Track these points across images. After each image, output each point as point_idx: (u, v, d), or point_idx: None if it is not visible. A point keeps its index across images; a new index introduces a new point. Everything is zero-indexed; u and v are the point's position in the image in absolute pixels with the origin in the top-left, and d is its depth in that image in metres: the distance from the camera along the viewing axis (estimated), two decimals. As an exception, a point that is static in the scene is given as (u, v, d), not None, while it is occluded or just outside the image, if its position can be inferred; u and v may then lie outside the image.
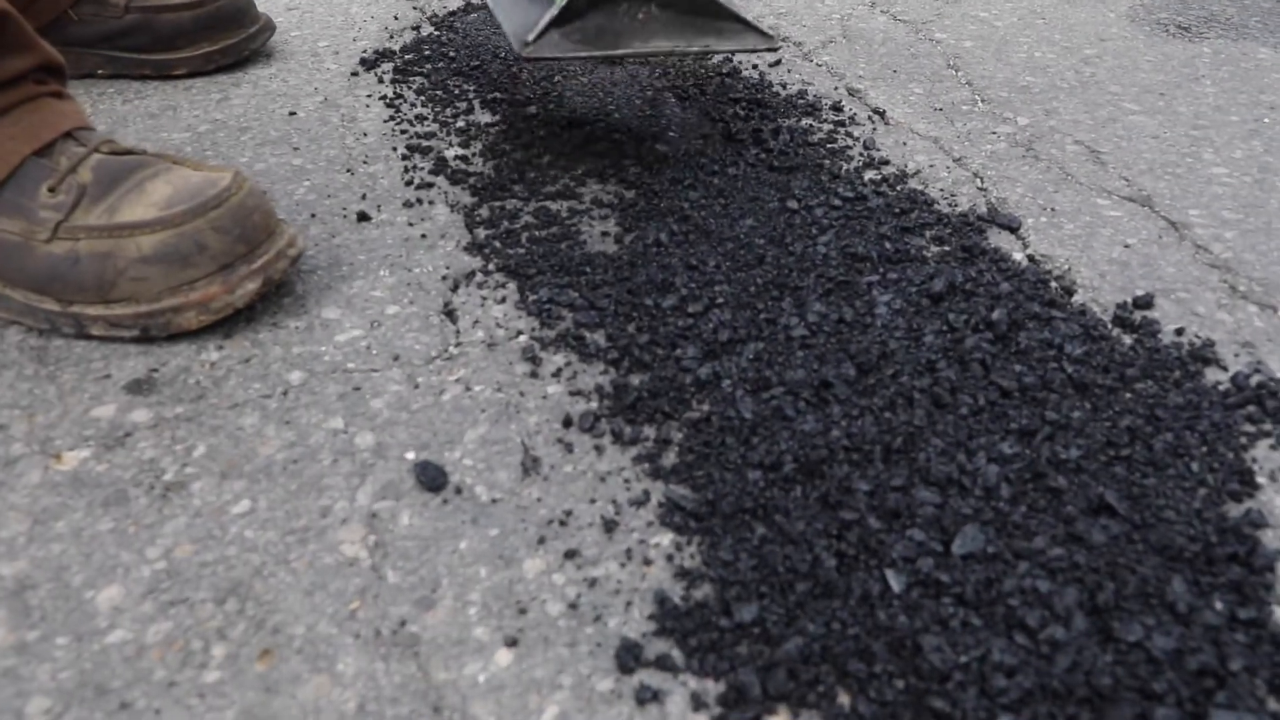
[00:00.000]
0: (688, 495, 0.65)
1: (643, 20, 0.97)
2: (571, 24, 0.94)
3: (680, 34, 0.97)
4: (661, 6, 0.98)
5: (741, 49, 0.98)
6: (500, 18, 0.99)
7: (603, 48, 0.94)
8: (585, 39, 0.94)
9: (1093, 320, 0.84)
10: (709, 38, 0.98)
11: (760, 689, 0.54)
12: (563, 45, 0.93)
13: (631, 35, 0.96)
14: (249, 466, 0.68)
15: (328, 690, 0.54)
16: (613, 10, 0.96)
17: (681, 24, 0.98)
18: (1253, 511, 0.67)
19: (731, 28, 0.98)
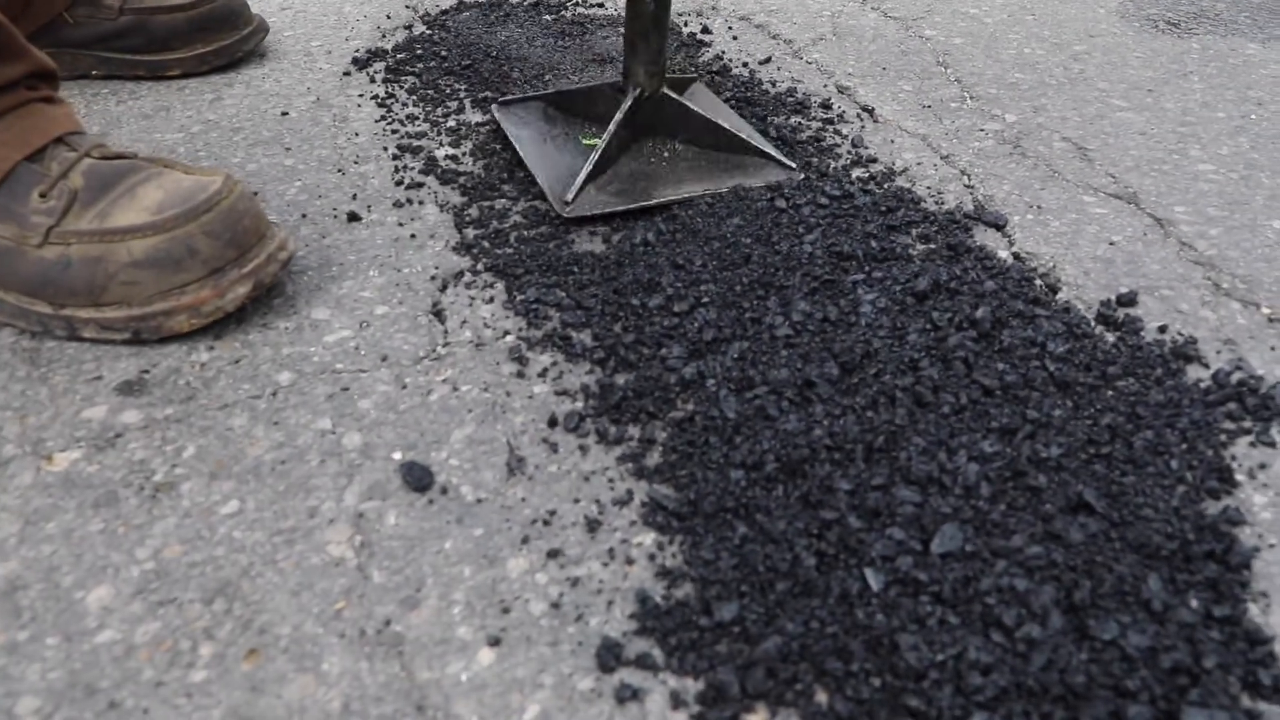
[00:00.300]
0: (670, 495, 0.66)
1: (669, 160, 1.03)
2: (605, 174, 0.99)
3: (708, 174, 1.01)
4: (685, 143, 1.05)
5: (766, 182, 1.00)
6: (529, 164, 1.01)
7: (637, 198, 0.96)
8: (620, 190, 0.97)
9: (1076, 318, 0.84)
10: (736, 175, 1.01)
11: (739, 687, 0.55)
12: (600, 199, 0.95)
13: (663, 181, 0.99)
14: (238, 467, 0.69)
15: (313, 690, 0.55)
16: (639, 152, 1.03)
17: (708, 161, 1.02)
18: (1230, 509, 0.68)
19: (755, 162, 1.02)
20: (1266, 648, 0.59)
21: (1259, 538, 0.66)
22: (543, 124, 1.09)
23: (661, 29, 0.96)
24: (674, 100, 1.02)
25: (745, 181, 0.99)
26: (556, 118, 1.10)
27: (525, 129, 1.07)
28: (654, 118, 1.03)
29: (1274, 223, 0.99)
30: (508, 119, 1.08)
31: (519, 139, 1.05)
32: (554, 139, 1.06)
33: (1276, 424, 0.75)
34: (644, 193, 0.97)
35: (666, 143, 1.04)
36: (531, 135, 1.06)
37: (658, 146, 1.04)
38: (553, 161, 1.02)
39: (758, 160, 1.02)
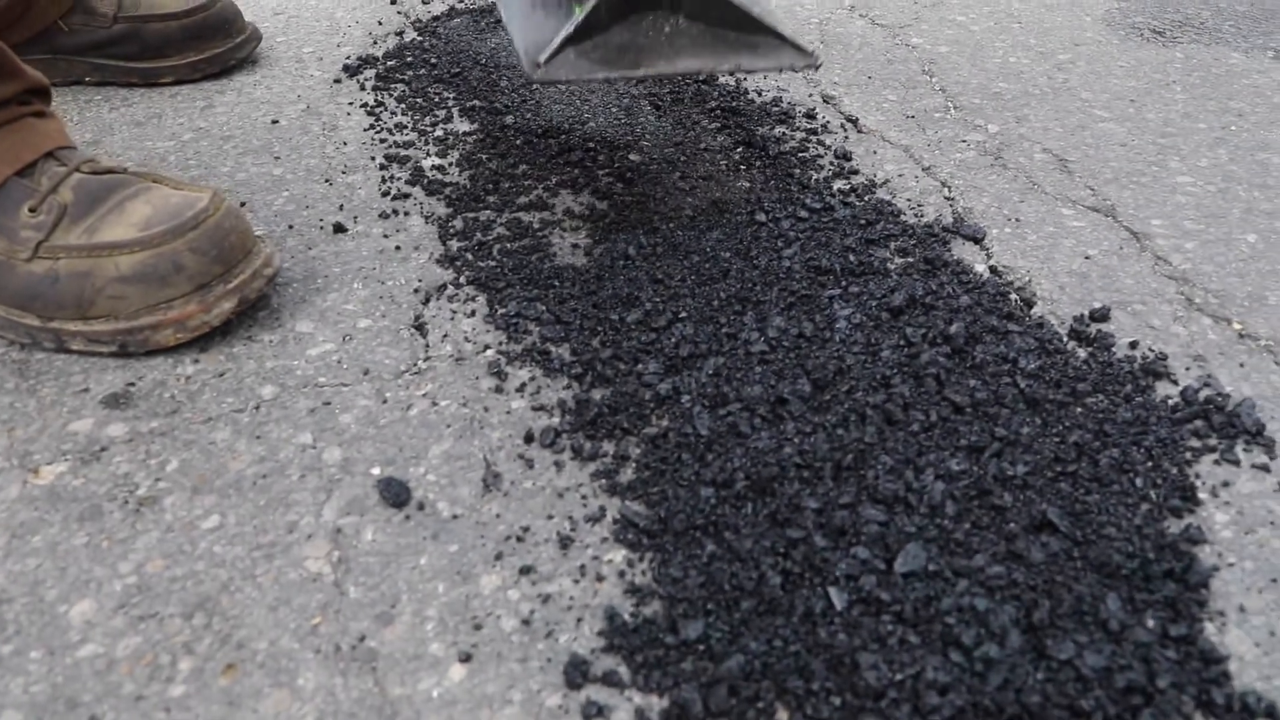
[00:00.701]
0: (641, 512, 0.68)
1: (669, 35, 0.90)
2: (590, 40, 0.87)
3: (710, 51, 0.90)
4: (690, 19, 0.91)
5: (778, 66, 0.91)
6: (511, 30, 0.92)
7: (623, 67, 0.87)
8: (605, 58, 0.87)
9: (1049, 334, 0.86)
10: (742, 55, 0.90)
11: (702, 705, 0.56)
12: (579, 65, 0.86)
13: (656, 53, 0.89)
14: (220, 481, 0.70)
15: (288, 705, 0.57)
16: (636, 24, 0.89)
17: (712, 40, 0.90)
18: (1192, 528, 0.69)
19: (767, 43, 0.91)
20: (1220, 667, 0.61)
21: (1219, 556, 0.68)
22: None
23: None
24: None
25: (750, 63, 0.90)
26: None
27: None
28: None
29: (1248, 236, 1.00)
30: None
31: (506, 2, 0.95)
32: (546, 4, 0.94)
33: (1241, 442, 0.77)
34: (631, 63, 0.87)
35: (669, 17, 0.91)
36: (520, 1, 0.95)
37: (658, 20, 0.90)
38: (537, 24, 0.91)
39: (770, 41, 0.90)
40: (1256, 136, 1.19)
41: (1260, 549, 0.68)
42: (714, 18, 0.90)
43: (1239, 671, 0.61)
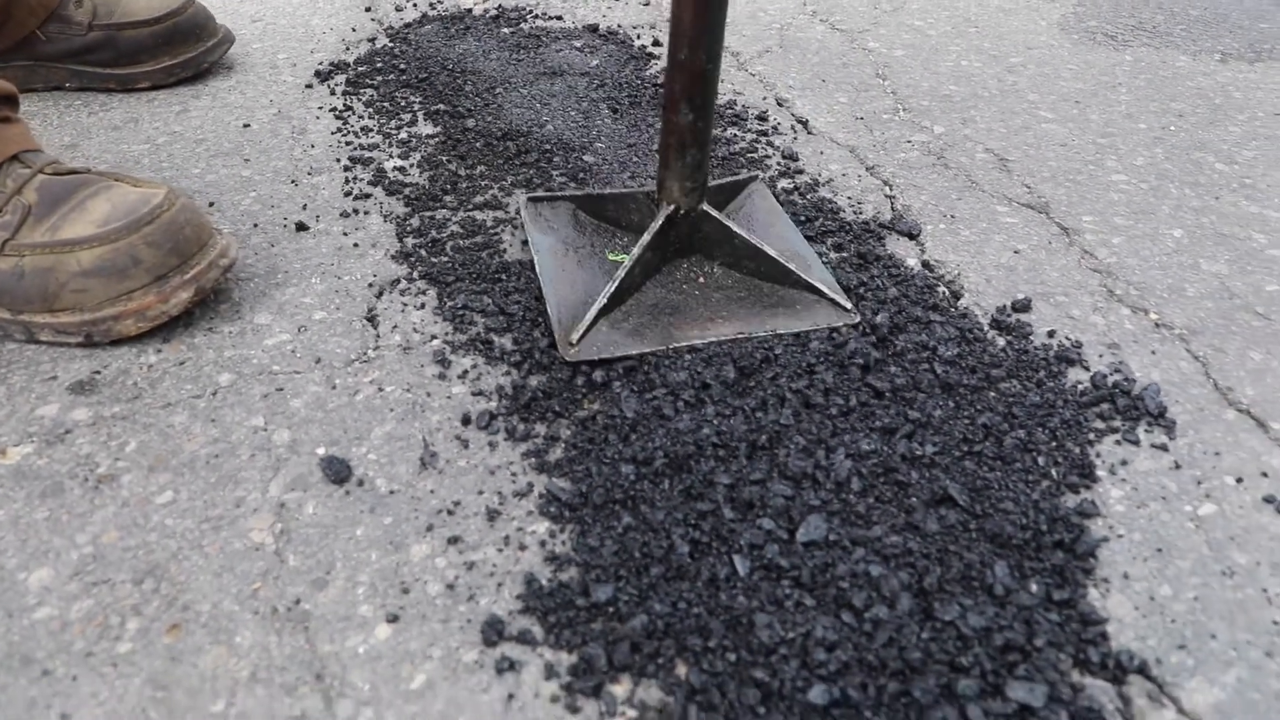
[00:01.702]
0: (566, 487, 0.72)
1: (704, 288, 0.90)
2: (623, 304, 0.88)
3: (746, 312, 0.88)
4: (725, 267, 0.92)
5: (815, 326, 0.87)
6: (546, 289, 0.89)
7: (655, 339, 0.84)
8: (638, 326, 0.86)
9: (971, 323, 0.90)
10: (779, 317, 0.87)
11: (606, 660, 0.61)
12: (611, 339, 0.84)
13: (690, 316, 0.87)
14: (175, 461, 0.75)
15: (225, 660, 0.61)
16: (670, 276, 0.91)
17: (749, 292, 0.90)
18: (1086, 502, 0.74)
19: (805, 300, 0.89)
20: (1099, 628, 0.65)
21: (1110, 529, 0.72)
22: (570, 231, 0.97)
23: (701, 142, 0.85)
24: (713, 220, 0.90)
25: (788, 325, 0.87)
26: (586, 225, 0.99)
27: (548, 236, 0.96)
28: (690, 238, 0.92)
29: (1175, 232, 1.05)
30: (534, 221, 0.98)
31: (539, 248, 0.94)
32: (578, 251, 0.94)
33: (1144, 424, 0.81)
34: (664, 332, 0.85)
35: (703, 265, 0.92)
36: (554, 245, 0.95)
37: (692, 270, 0.91)
38: (570, 281, 0.90)
39: (808, 298, 0.90)
40: (1194, 137, 1.24)
41: (1150, 522, 0.73)
42: (749, 268, 0.91)
43: (1117, 633, 0.65)
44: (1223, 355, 0.87)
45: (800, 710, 0.58)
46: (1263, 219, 1.06)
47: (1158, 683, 0.62)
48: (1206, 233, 1.04)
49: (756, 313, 0.88)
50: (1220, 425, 0.80)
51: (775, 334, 0.86)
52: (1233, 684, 0.62)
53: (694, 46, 0.79)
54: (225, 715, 0.58)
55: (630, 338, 0.84)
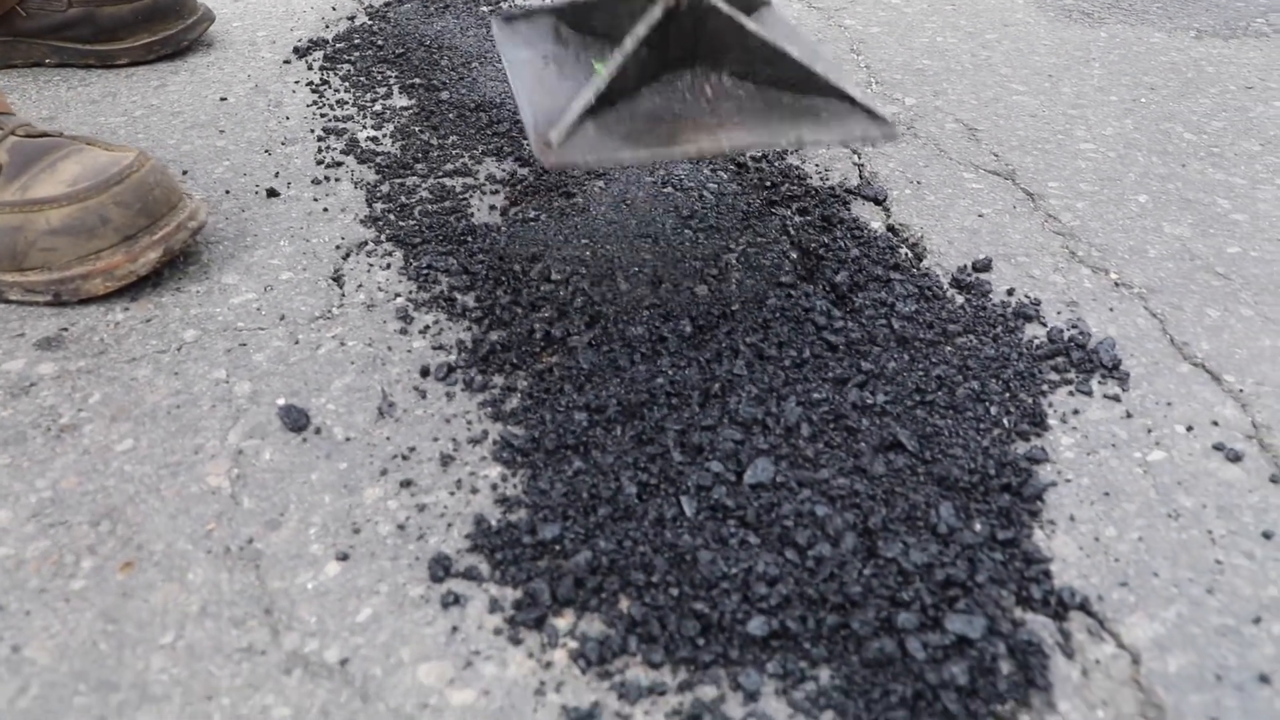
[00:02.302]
0: (519, 434, 0.73)
1: (711, 99, 0.76)
2: (615, 109, 0.73)
3: (762, 120, 0.74)
4: (736, 77, 0.77)
5: (847, 138, 0.74)
6: (518, 96, 0.77)
7: (656, 144, 0.71)
8: (633, 133, 0.72)
9: (931, 282, 0.91)
10: (802, 125, 0.74)
11: (550, 595, 0.62)
12: (602, 144, 0.70)
13: (696, 125, 0.73)
14: (137, 411, 0.76)
15: (176, 595, 0.63)
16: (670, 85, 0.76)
17: (764, 104, 0.76)
18: (1035, 449, 0.75)
19: (832, 108, 0.75)
20: (1042, 566, 0.66)
21: (1058, 474, 0.73)
22: (551, 45, 0.83)
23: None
24: (723, 14, 0.75)
25: (814, 134, 0.73)
26: (570, 39, 0.84)
27: (525, 50, 0.82)
28: (695, 39, 0.76)
29: (1139, 197, 1.05)
30: (508, 39, 0.84)
31: (513, 62, 0.80)
32: (561, 63, 0.80)
33: (1098, 376, 0.82)
34: (666, 138, 0.71)
35: (710, 75, 0.77)
36: (531, 58, 0.81)
37: (698, 80, 0.76)
38: (549, 90, 0.76)
39: (837, 105, 0.75)
40: (1164, 108, 1.25)
41: (1099, 468, 0.73)
42: (765, 76, 0.76)
43: (1060, 571, 0.66)
44: (1180, 312, 0.88)
45: (739, 642, 0.59)
46: (1228, 185, 1.07)
47: (1098, 618, 0.63)
48: (1171, 198, 1.05)
49: (775, 120, 0.74)
50: (1174, 378, 0.81)
51: (800, 140, 0.73)
52: (1172, 619, 0.63)
53: None
54: (173, 646, 0.59)
55: (623, 142, 0.70)
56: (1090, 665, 0.59)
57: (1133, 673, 0.59)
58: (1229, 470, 0.73)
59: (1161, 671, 0.59)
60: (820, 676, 0.58)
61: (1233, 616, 0.63)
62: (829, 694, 0.57)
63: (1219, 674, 0.59)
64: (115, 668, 0.58)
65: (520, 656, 0.59)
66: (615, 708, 0.56)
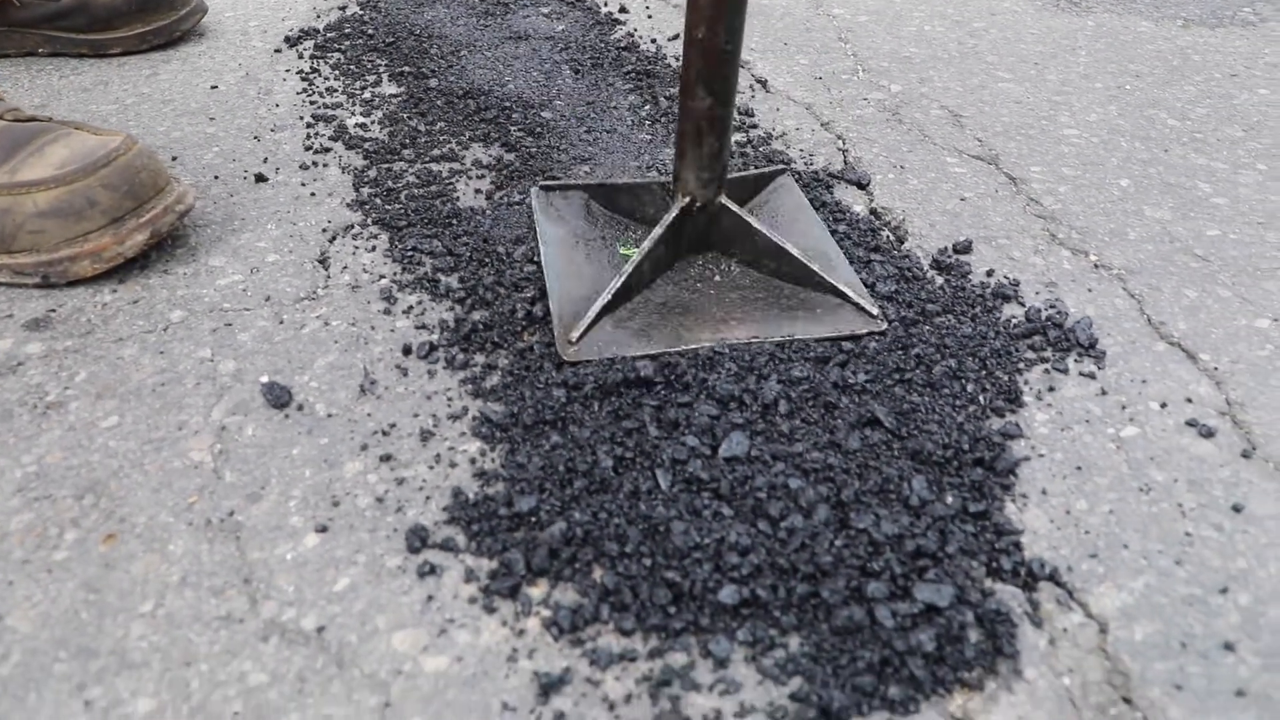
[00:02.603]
0: (498, 410, 0.74)
1: (719, 287, 0.84)
2: (630, 303, 0.82)
3: (763, 315, 0.82)
4: (744, 265, 0.86)
5: (838, 333, 0.81)
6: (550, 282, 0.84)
7: (663, 341, 0.79)
8: (645, 326, 0.80)
9: (911, 263, 0.92)
10: (798, 322, 0.81)
11: (524, 564, 0.63)
12: (614, 339, 0.79)
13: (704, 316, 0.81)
14: (122, 389, 0.77)
15: (157, 565, 0.64)
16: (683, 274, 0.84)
17: (767, 292, 0.84)
18: (1010, 424, 0.75)
19: (827, 304, 0.83)
20: (1013, 538, 0.67)
21: (1031, 449, 0.74)
22: (581, 222, 0.91)
23: (721, 130, 0.79)
24: (732, 214, 0.84)
25: (807, 330, 0.81)
26: (599, 216, 0.93)
27: (558, 227, 0.90)
28: (706, 233, 0.86)
29: (1121, 181, 1.06)
30: (544, 210, 0.92)
31: (546, 239, 0.88)
32: (588, 244, 0.89)
33: (1074, 354, 0.83)
34: (674, 333, 0.79)
35: (720, 262, 0.86)
36: (563, 236, 0.89)
37: (708, 267, 0.85)
38: (577, 275, 0.84)
39: (831, 300, 0.83)
40: (1149, 95, 1.25)
41: (1072, 443, 0.74)
42: (769, 268, 0.85)
43: (1031, 543, 0.67)
44: (1158, 293, 0.89)
45: (710, 610, 0.60)
46: (1209, 169, 1.08)
47: (1068, 589, 0.64)
48: (1153, 182, 1.06)
49: (774, 315, 0.82)
50: (1150, 356, 0.82)
51: (792, 338, 0.80)
52: (1140, 589, 0.63)
53: (713, 24, 0.73)
54: (153, 615, 0.60)
55: (636, 337, 0.79)
56: (1058, 634, 0.60)
57: (1100, 641, 0.60)
58: (1201, 446, 0.74)
59: (1128, 640, 0.60)
60: (790, 644, 0.59)
61: (1200, 587, 0.63)
62: (797, 660, 0.58)
63: (1184, 642, 0.60)
64: (95, 635, 0.59)
65: (494, 625, 0.60)
66: (586, 673, 0.57)
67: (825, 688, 0.56)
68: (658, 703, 0.55)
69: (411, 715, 0.54)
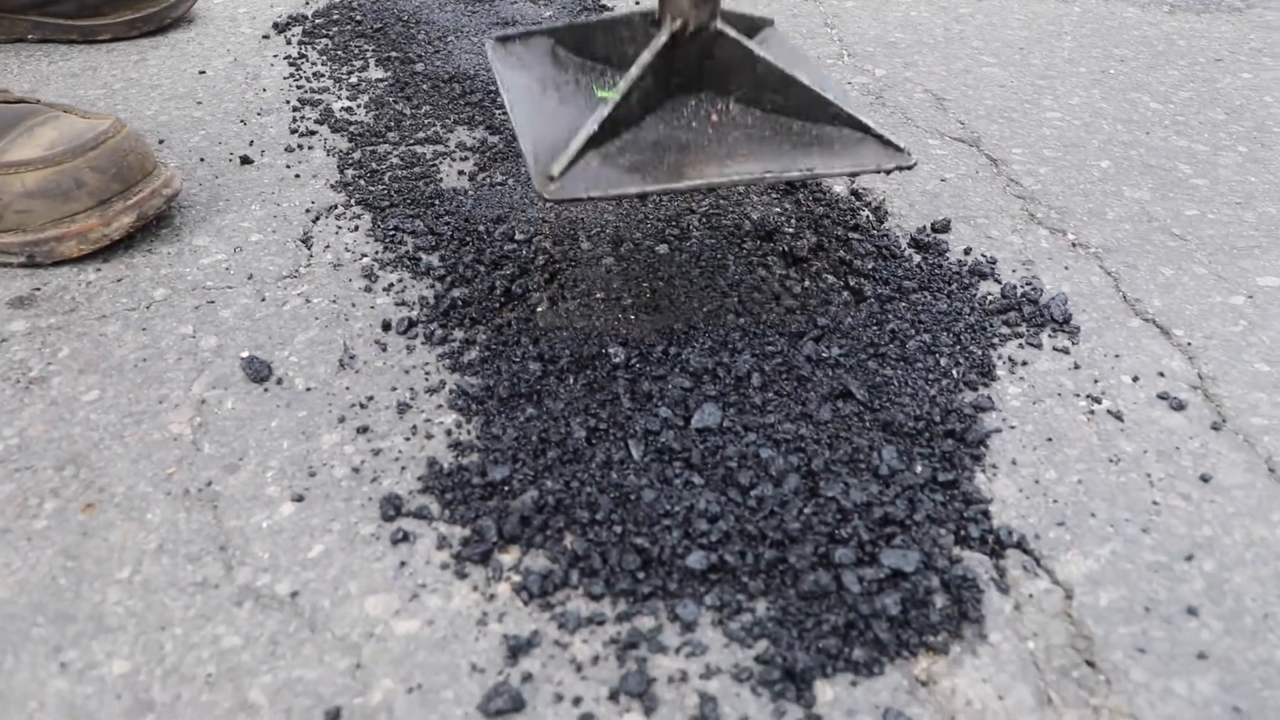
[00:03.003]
0: (475, 383, 0.75)
1: (718, 126, 0.73)
2: (619, 138, 0.70)
3: (773, 150, 0.71)
4: (744, 104, 0.74)
5: (860, 169, 0.72)
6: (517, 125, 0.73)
7: (662, 178, 0.68)
8: (638, 163, 0.69)
9: (890, 242, 0.93)
10: (814, 155, 0.71)
11: (496, 532, 0.64)
12: (605, 176, 0.68)
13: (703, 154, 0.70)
14: (104, 364, 0.78)
15: (135, 533, 0.64)
16: (676, 113, 0.73)
17: (774, 133, 0.73)
18: (982, 397, 0.76)
19: (845, 137, 0.73)
20: (981, 507, 0.68)
21: (1003, 421, 0.75)
22: (548, 68, 0.80)
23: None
24: (731, 40, 0.72)
25: (828, 164, 0.70)
26: (569, 63, 0.81)
27: (522, 73, 0.79)
28: (700, 64, 0.74)
29: (1102, 163, 1.07)
30: (503, 60, 0.81)
31: (510, 87, 0.78)
32: (560, 88, 0.78)
33: (1048, 330, 0.83)
34: (673, 170, 0.69)
35: (716, 102, 0.75)
36: (528, 83, 0.78)
37: (703, 106, 0.74)
38: (549, 118, 0.74)
39: (849, 134, 0.73)
40: (1132, 79, 1.26)
41: (1044, 415, 0.75)
42: (774, 104, 0.73)
43: (999, 512, 0.68)
44: (1134, 271, 0.90)
45: (679, 575, 0.61)
46: (1190, 151, 1.08)
47: (1034, 555, 0.64)
48: (1134, 164, 1.06)
49: (786, 150, 0.71)
50: (1124, 332, 0.83)
51: (811, 172, 0.69)
52: (1107, 556, 0.64)
53: None
54: (130, 581, 0.61)
55: (627, 174, 0.67)
56: (1023, 599, 0.61)
57: (1065, 606, 0.61)
58: (1172, 418, 0.74)
59: (1093, 605, 0.61)
60: (757, 608, 0.60)
61: (1165, 554, 0.64)
62: (764, 624, 0.59)
63: (1148, 607, 0.61)
64: (73, 600, 0.60)
65: (465, 589, 0.60)
66: (555, 636, 0.58)
67: (790, 650, 0.57)
68: (624, 664, 0.56)
69: (382, 676, 0.55)
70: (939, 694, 0.55)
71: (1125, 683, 0.56)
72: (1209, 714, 0.54)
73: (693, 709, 0.54)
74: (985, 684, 0.55)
